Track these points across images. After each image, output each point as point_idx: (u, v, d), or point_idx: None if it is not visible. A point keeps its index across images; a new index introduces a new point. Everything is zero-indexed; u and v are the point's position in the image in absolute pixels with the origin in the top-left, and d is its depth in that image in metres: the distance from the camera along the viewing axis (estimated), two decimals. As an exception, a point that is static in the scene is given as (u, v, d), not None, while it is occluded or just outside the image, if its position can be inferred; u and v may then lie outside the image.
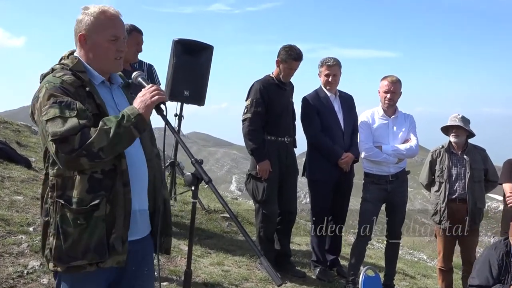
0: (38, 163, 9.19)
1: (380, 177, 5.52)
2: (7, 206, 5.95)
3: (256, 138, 5.42)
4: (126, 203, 2.41)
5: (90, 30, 2.48)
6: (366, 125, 5.60)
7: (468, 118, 5.76)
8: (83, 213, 2.32)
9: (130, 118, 2.30)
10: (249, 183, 5.60)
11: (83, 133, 2.24)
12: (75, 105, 2.30)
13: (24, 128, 13.20)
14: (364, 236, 5.56)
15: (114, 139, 2.25)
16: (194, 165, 2.40)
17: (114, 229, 2.37)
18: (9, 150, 8.33)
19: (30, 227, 5.43)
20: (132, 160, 2.49)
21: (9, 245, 4.87)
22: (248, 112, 5.45)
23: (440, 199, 5.71)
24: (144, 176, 2.58)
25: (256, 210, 5.63)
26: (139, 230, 2.57)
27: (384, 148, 5.48)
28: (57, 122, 2.25)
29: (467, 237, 5.77)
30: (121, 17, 2.56)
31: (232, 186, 60.87)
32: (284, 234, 5.73)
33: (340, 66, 5.82)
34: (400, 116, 5.66)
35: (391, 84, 5.49)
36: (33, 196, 6.57)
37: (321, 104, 5.74)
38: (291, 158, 5.69)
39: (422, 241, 43.24)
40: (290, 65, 5.52)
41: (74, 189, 2.34)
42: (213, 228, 6.95)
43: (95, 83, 2.50)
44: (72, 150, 2.22)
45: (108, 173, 2.38)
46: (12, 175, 7.37)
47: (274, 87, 5.56)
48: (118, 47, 2.51)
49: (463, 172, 5.66)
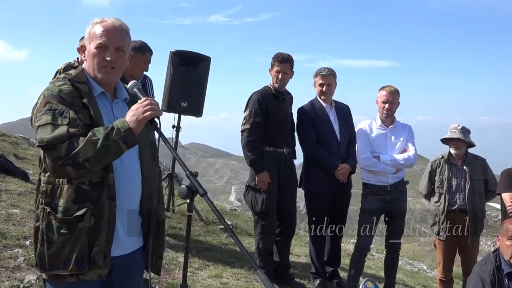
0: (35, 176, 9.15)
1: (378, 187, 5.48)
2: (3, 219, 5.90)
3: (255, 149, 5.38)
4: (110, 218, 2.40)
5: (86, 40, 2.54)
6: (364, 135, 5.56)
7: (468, 128, 5.73)
8: (67, 223, 2.33)
9: (120, 132, 2.28)
10: (248, 194, 5.55)
11: (71, 142, 2.24)
12: (68, 113, 2.32)
13: (22, 141, 13.15)
14: (363, 248, 5.51)
15: (100, 151, 2.25)
16: (189, 177, 2.37)
17: (96, 242, 2.37)
18: (6, 163, 8.28)
19: (26, 240, 5.37)
20: (124, 176, 2.47)
21: (5, 259, 4.82)
22: (247, 123, 5.41)
23: (440, 210, 5.69)
24: (136, 193, 2.56)
25: (255, 222, 5.58)
26: (126, 246, 2.56)
27: (382, 158, 5.45)
28: (47, 128, 2.27)
29: (467, 247, 5.75)
30: (124, 29, 2.57)
31: (231, 196, 60.76)
32: (283, 246, 5.67)
33: (335, 76, 5.79)
34: (398, 126, 5.63)
35: (390, 94, 5.46)
36: (30, 209, 6.51)
37: (317, 115, 5.70)
38: (290, 169, 5.64)
39: (422, 250, 43.10)
40: (277, 68, 5.49)
41: (61, 198, 2.35)
42: (211, 240, 6.90)
43: (94, 94, 2.50)
44: (58, 158, 2.24)
45: (95, 185, 2.38)
46: (9, 188, 7.32)
47: (272, 97, 5.52)
48: (106, 56, 2.49)
49: (463, 183, 5.64)
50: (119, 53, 2.52)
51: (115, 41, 2.51)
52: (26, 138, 14.54)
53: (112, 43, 2.49)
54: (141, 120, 2.34)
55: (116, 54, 2.50)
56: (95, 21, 2.55)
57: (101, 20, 2.54)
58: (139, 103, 2.39)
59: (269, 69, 5.61)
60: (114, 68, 2.52)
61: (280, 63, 5.52)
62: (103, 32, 2.49)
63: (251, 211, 5.57)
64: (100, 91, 2.53)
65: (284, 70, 5.53)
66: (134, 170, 2.55)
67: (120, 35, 2.54)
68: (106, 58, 2.49)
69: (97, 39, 2.48)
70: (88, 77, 2.53)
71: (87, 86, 2.48)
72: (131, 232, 2.57)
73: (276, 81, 5.53)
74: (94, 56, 2.50)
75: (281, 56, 5.53)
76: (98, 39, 2.48)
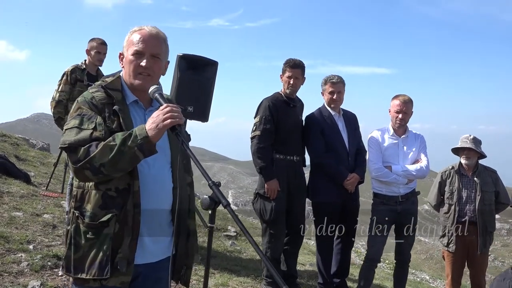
0: (37, 178, 9.07)
1: (389, 197, 5.39)
2: (6, 222, 5.82)
3: (265, 156, 5.30)
4: (134, 225, 2.39)
5: (125, 47, 2.56)
6: (376, 144, 5.47)
7: (480, 139, 5.66)
8: (93, 228, 2.36)
9: (137, 139, 2.25)
10: (256, 202, 5.45)
11: (90, 146, 2.26)
12: (95, 119, 2.36)
13: (23, 142, 13.10)
14: (373, 259, 5.42)
15: (116, 157, 2.24)
16: (211, 187, 2.29)
17: (120, 248, 2.37)
18: (8, 165, 8.21)
19: (30, 244, 5.28)
20: (153, 184, 2.47)
21: (8, 264, 4.73)
22: (257, 129, 5.34)
23: (449, 222, 5.61)
24: (166, 201, 2.54)
25: (263, 230, 5.47)
26: (153, 254, 2.54)
27: (393, 169, 5.36)
28: (72, 132, 2.32)
29: (476, 260, 5.67)
30: (160, 37, 2.58)
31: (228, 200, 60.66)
32: (291, 255, 5.59)
33: (344, 83, 5.70)
34: (411, 135, 5.54)
35: (403, 104, 5.37)
36: (32, 212, 6.44)
37: (325, 123, 5.60)
38: (299, 178, 5.56)
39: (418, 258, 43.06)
40: (288, 73, 5.44)
41: (89, 203, 2.38)
42: (216, 246, 6.80)
43: (127, 102, 2.52)
44: (77, 161, 2.27)
45: (122, 191, 2.38)
46: (11, 190, 7.25)
47: (283, 104, 5.45)
48: (141, 62, 2.49)
49: (473, 195, 5.56)
50: (155, 60, 2.53)
51: (151, 48, 2.52)
52: (26, 139, 14.49)
53: (148, 50, 2.51)
54: (160, 128, 2.29)
55: (152, 61, 2.52)
56: (134, 30, 2.58)
57: (139, 28, 2.57)
58: (160, 110, 2.34)
59: (280, 75, 5.55)
60: (149, 75, 2.52)
61: (292, 68, 5.46)
62: (140, 39, 2.51)
63: (259, 219, 5.47)
64: (133, 99, 2.54)
65: (296, 75, 5.47)
66: (164, 178, 2.54)
67: (157, 43, 2.55)
68: (142, 64, 2.49)
69: (133, 46, 2.51)
70: (123, 85, 2.56)
71: (120, 94, 2.51)
72: (159, 240, 2.55)
73: (288, 87, 5.46)
74: (130, 63, 2.52)
75: (293, 62, 5.47)
76: (134, 46, 2.51)
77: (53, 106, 6.26)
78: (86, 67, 6.36)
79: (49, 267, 4.90)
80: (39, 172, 9.96)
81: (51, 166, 10.52)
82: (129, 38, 2.54)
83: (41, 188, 8.25)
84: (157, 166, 2.49)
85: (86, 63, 6.38)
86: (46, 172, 9.96)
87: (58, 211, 6.81)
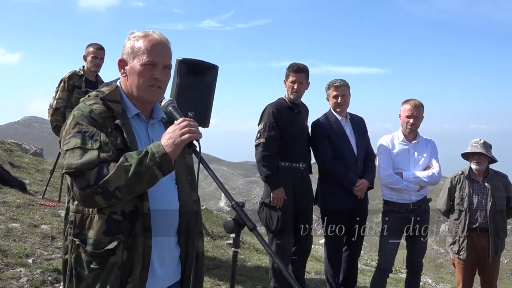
0: (33, 186, 8.88)
1: (400, 205, 5.24)
2: (3, 234, 5.62)
3: (271, 164, 5.13)
4: (145, 251, 2.19)
5: (129, 55, 2.30)
6: (386, 151, 5.32)
7: (490, 143, 5.52)
8: (97, 257, 2.14)
9: (154, 157, 2.05)
10: (262, 212, 5.28)
11: (101, 168, 2.03)
12: (99, 136, 2.12)
13: (16, 147, 12.88)
14: (385, 269, 5.27)
15: (133, 179, 2.02)
16: (235, 209, 2.13)
17: (130, 278, 2.15)
18: (3, 173, 8.02)
19: (29, 258, 5.09)
20: (159, 204, 2.26)
21: (7, 280, 4.55)
22: (262, 136, 5.17)
23: (460, 229, 5.48)
24: (173, 222, 2.35)
25: (269, 240, 5.28)
26: (162, 280, 2.33)
27: (405, 175, 5.21)
28: (76, 153, 2.07)
29: (488, 267, 5.55)
30: (169, 45, 2.36)
31: (221, 202, 60.56)
32: (299, 266, 5.42)
33: (349, 86, 5.58)
34: (421, 141, 5.38)
35: (414, 108, 5.22)
36: (30, 223, 6.24)
37: (332, 129, 5.46)
38: (306, 185, 5.39)
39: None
40: (292, 78, 5.30)
41: (91, 229, 2.16)
42: (219, 256, 6.62)
43: (128, 115, 2.29)
44: (87, 186, 2.03)
45: (129, 215, 2.17)
46: (7, 199, 7.05)
47: (288, 109, 5.30)
48: (154, 74, 2.27)
49: (484, 201, 5.43)
50: (166, 71, 2.32)
51: (164, 58, 2.31)
52: (19, 144, 14.28)
53: (161, 60, 2.29)
54: (178, 144, 2.10)
55: (164, 73, 2.31)
56: (138, 35, 2.32)
57: (145, 34, 2.32)
58: (176, 124, 2.15)
59: (284, 81, 5.40)
60: (160, 88, 2.31)
61: (296, 73, 5.31)
62: (151, 48, 2.27)
63: (265, 229, 5.30)
64: (135, 112, 2.31)
65: (300, 80, 5.32)
66: (171, 197, 2.33)
67: (168, 52, 2.34)
68: (155, 77, 2.27)
69: (144, 55, 2.26)
70: (122, 95, 2.32)
71: (120, 106, 2.27)
72: (168, 264, 2.34)
73: (292, 92, 5.32)
74: (140, 74, 2.27)
75: (296, 66, 5.33)
76: (146, 55, 2.26)
77: (50, 114, 6.09)
78: (84, 73, 6.19)
79: (50, 282, 4.72)
80: (35, 179, 9.75)
81: (46, 173, 10.32)
82: (135, 45, 2.29)
83: (37, 197, 8.05)
84: (162, 183, 2.23)
85: (84, 69, 6.21)
86: (41, 180, 9.75)
87: (56, 221, 6.62)
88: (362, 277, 7.70)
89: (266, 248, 2.09)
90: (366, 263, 10.52)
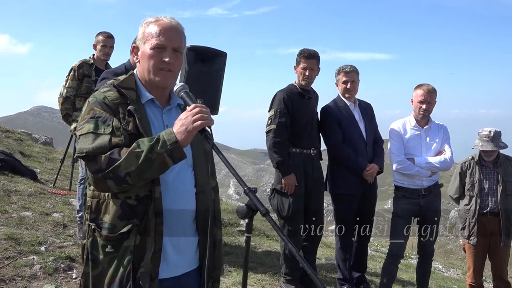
0: (43, 175, 8.94)
1: (412, 190, 5.21)
2: (16, 223, 5.68)
3: (282, 150, 5.13)
4: (157, 235, 2.18)
5: (141, 40, 2.33)
6: (398, 136, 5.29)
7: (499, 130, 5.47)
8: (112, 241, 2.15)
9: (165, 144, 2.05)
10: (273, 198, 5.28)
11: (113, 154, 2.05)
12: (111, 121, 2.15)
13: (26, 137, 12.96)
14: (397, 255, 5.27)
15: (143, 165, 2.03)
16: (247, 194, 2.11)
17: (142, 262, 2.15)
18: (15, 162, 8.07)
19: (41, 246, 5.14)
20: (175, 189, 2.25)
21: (20, 267, 4.59)
22: (272, 123, 5.17)
23: (470, 214, 5.46)
24: (189, 208, 2.33)
25: (281, 227, 5.29)
26: (177, 267, 2.32)
27: (416, 161, 5.17)
28: (88, 138, 2.11)
29: (498, 252, 5.53)
30: (180, 30, 2.36)
31: (230, 190, 60.62)
32: (310, 252, 5.42)
33: (358, 72, 5.57)
34: (434, 126, 5.33)
35: (427, 94, 5.17)
36: (42, 212, 6.30)
37: (341, 114, 5.46)
38: (317, 171, 5.39)
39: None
40: (303, 64, 5.29)
41: (107, 214, 2.17)
42: (230, 242, 6.65)
43: (142, 101, 2.29)
44: (98, 170, 2.06)
45: (143, 199, 2.16)
46: (18, 188, 7.10)
47: (298, 96, 5.29)
48: (164, 57, 2.27)
49: (495, 186, 5.40)
50: (176, 54, 2.31)
51: (173, 41, 2.29)
52: (29, 133, 14.37)
53: (170, 43, 2.28)
54: (190, 130, 2.09)
55: (174, 56, 2.29)
56: (149, 20, 2.33)
57: (156, 19, 2.32)
58: (188, 111, 2.14)
59: (294, 67, 5.39)
60: (171, 71, 2.30)
61: (307, 59, 5.30)
62: (160, 32, 2.28)
63: (276, 215, 5.31)
64: (148, 98, 2.30)
65: (311, 66, 5.31)
66: (187, 183, 2.32)
67: (178, 35, 2.33)
68: (164, 60, 2.27)
69: (153, 39, 2.27)
70: (137, 83, 2.33)
71: (134, 93, 2.28)
72: (183, 251, 2.34)
73: (303, 78, 5.30)
74: (150, 58, 2.28)
75: (308, 52, 5.31)
76: (154, 39, 2.27)
77: (60, 103, 6.10)
78: (94, 62, 6.19)
79: (63, 269, 4.76)
80: (45, 168, 9.82)
81: (56, 162, 10.40)
82: (146, 30, 2.30)
83: (48, 186, 8.12)
84: (178, 169, 2.25)
85: (94, 57, 6.22)
86: (52, 168, 9.83)
87: (67, 210, 6.67)
88: (372, 263, 7.72)
89: (278, 232, 2.10)
90: (376, 249, 10.54)
